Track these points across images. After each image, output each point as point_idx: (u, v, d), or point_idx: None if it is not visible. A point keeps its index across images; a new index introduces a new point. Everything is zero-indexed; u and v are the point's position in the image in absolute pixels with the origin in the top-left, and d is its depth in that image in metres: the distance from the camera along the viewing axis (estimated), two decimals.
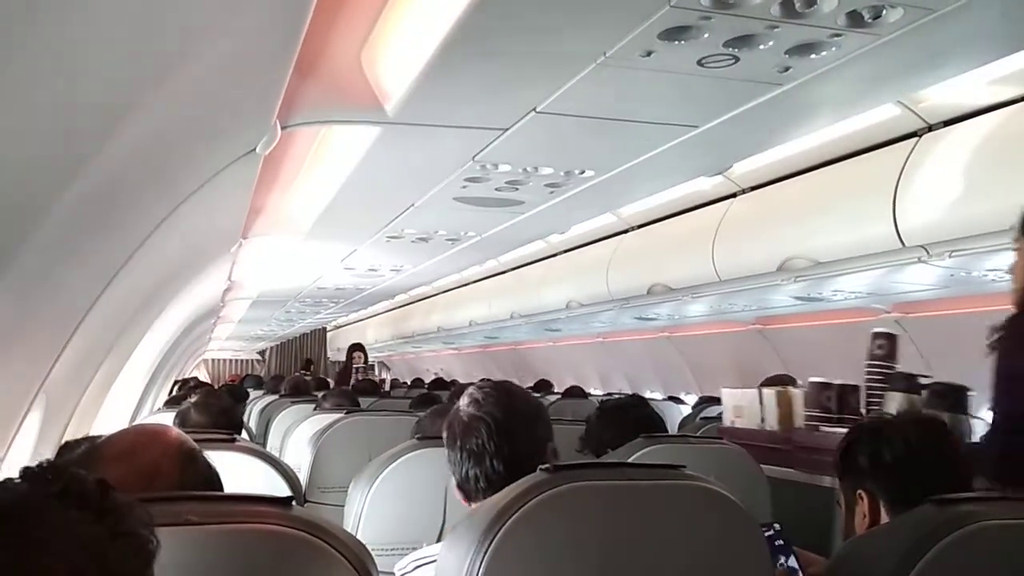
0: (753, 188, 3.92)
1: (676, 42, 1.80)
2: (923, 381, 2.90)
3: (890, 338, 3.09)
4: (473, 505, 1.59)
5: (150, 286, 3.06)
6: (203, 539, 1.04)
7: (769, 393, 3.13)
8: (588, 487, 1.35)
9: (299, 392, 5.49)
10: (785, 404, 3.09)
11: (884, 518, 1.70)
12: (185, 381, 8.45)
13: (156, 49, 1.19)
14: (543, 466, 1.45)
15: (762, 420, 3.12)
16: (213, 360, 17.67)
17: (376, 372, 11.35)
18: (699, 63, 1.93)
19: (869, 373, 3.05)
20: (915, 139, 2.99)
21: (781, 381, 4.33)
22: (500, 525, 1.28)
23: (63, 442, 2.29)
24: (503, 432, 1.56)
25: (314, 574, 1.08)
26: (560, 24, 1.76)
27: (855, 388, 3.09)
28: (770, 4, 1.64)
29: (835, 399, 3.05)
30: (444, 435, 1.64)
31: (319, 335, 15.02)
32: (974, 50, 1.99)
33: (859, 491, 1.77)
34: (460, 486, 1.61)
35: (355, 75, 2.21)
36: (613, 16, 1.72)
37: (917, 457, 1.72)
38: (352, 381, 7.96)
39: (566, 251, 5.83)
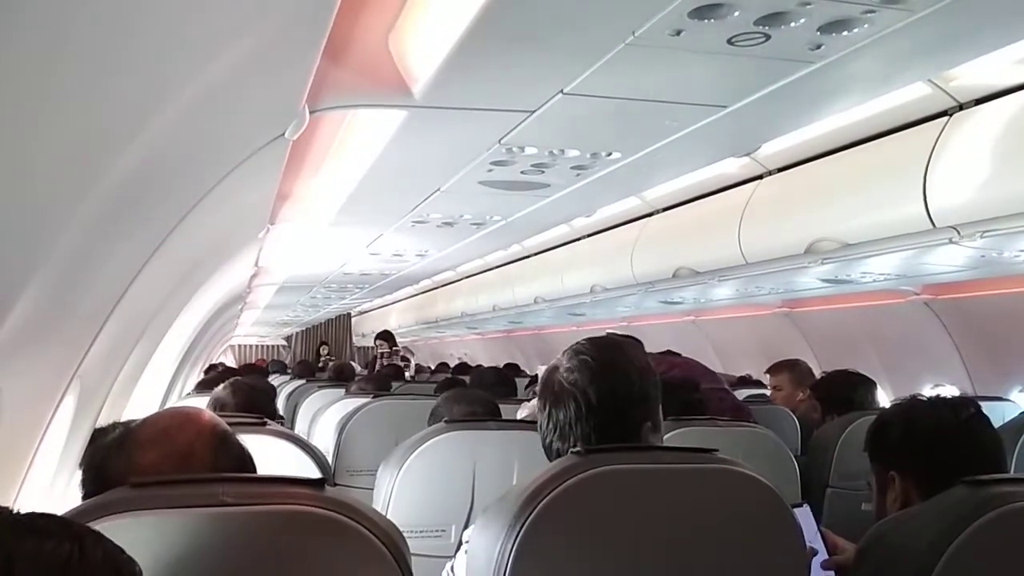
0: (780, 170, 3.89)
1: (706, 20, 1.78)
2: None
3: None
4: None
5: (181, 272, 3.09)
6: (238, 520, 1.06)
7: None
8: (620, 471, 1.36)
9: (343, 377, 5.61)
10: None
11: (916, 500, 1.69)
12: (213, 366, 8.56)
13: (189, 40, 1.20)
14: (574, 449, 1.45)
15: None
16: (240, 346, 17.81)
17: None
18: (729, 42, 1.91)
19: None
20: (945, 118, 2.96)
21: (791, 365, 4.32)
22: (532, 508, 1.29)
23: (95, 428, 2.32)
24: (592, 410, 1.48)
25: (348, 554, 1.09)
26: (589, 4, 1.75)
27: None
28: None
29: None
30: (538, 391, 1.56)
31: (344, 320, 15.12)
32: (1009, 26, 1.96)
33: (891, 472, 1.76)
34: (545, 447, 1.55)
35: (383, 59, 2.21)
36: None
37: (949, 438, 1.71)
38: (377, 367, 8.03)
39: (590, 235, 5.82)
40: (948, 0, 1.69)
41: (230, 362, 15.00)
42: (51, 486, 2.13)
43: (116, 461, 1.32)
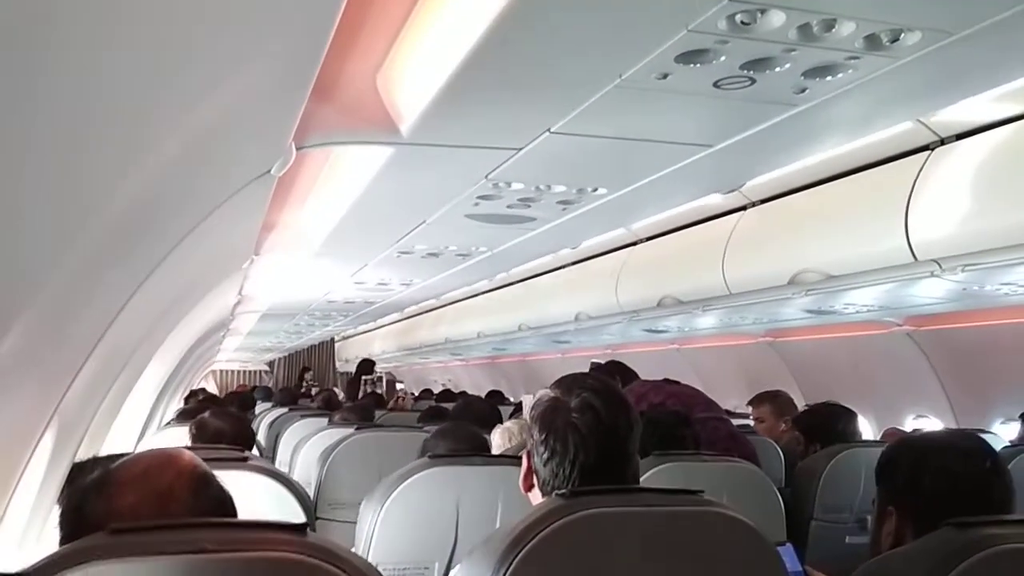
0: (763, 201, 3.92)
1: (693, 65, 1.80)
2: None
3: None
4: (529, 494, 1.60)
5: (164, 306, 3.06)
6: (219, 567, 1.04)
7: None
8: (605, 514, 1.36)
9: (330, 407, 5.59)
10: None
11: (908, 539, 1.67)
12: (194, 393, 8.49)
13: (180, 80, 1.20)
14: (560, 491, 1.45)
15: None
16: (221, 371, 17.68)
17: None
18: (715, 85, 1.93)
19: None
20: (927, 152, 2.99)
21: (772, 396, 4.32)
22: (518, 551, 1.28)
23: (73, 464, 2.29)
24: (595, 449, 1.53)
25: None
26: (577, 48, 1.76)
27: None
28: (788, 28, 1.64)
29: None
30: (534, 423, 1.59)
31: (327, 346, 15.07)
32: (992, 71, 1.98)
33: (890, 507, 1.74)
34: (539, 483, 1.58)
35: (371, 97, 2.21)
36: (630, 40, 1.71)
37: (956, 485, 1.67)
38: (361, 394, 7.99)
39: (575, 263, 5.83)
40: (931, 47, 1.71)
41: (212, 387, 14.89)
42: (28, 526, 2.10)
43: (95, 503, 1.30)
